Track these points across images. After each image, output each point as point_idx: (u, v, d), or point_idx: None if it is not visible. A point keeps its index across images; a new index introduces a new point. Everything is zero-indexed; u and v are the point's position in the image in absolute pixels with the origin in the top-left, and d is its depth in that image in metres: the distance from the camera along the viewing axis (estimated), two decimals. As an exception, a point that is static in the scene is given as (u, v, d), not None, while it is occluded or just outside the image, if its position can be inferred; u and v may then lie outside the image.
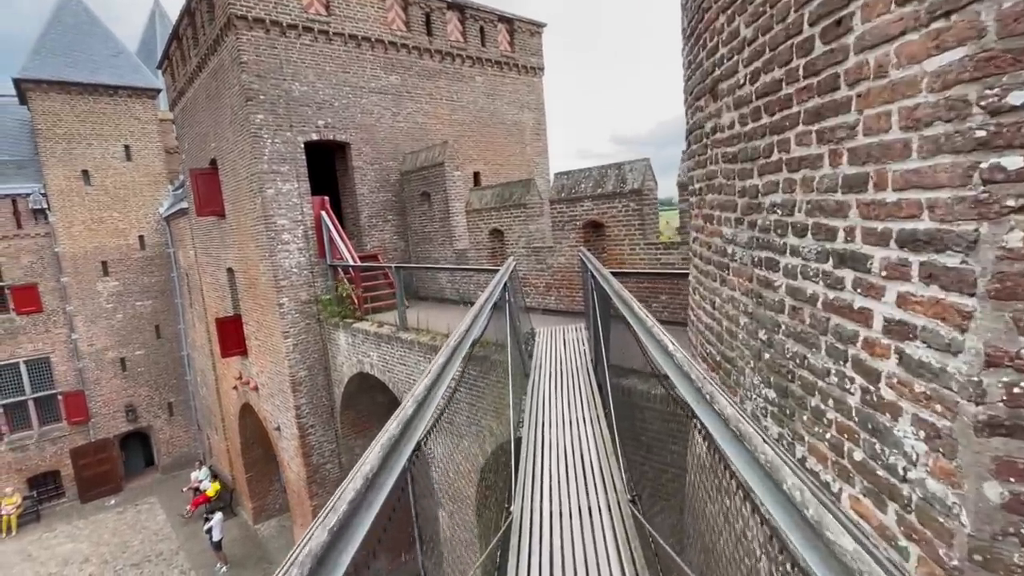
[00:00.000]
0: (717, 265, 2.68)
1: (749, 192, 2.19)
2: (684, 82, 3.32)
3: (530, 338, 6.89)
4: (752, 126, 2.12)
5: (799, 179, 1.76)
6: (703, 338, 3.07)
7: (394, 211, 12.60)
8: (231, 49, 10.29)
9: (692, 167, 3.19)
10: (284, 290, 10.82)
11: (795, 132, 1.76)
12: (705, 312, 2.97)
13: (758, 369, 2.18)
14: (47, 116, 17.90)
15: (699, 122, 2.90)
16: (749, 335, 2.26)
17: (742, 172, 2.26)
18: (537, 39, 15.30)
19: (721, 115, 2.48)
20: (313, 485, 11.47)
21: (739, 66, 2.20)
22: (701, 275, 3.05)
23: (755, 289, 2.18)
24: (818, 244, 1.67)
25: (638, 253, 7.74)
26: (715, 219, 2.69)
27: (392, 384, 9.43)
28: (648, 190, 7.63)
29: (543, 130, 15.82)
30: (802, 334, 1.80)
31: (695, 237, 3.23)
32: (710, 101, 2.65)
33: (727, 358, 2.60)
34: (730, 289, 2.49)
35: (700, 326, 3.12)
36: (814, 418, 1.75)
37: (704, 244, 2.93)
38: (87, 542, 16.40)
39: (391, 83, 12.25)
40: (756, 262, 2.15)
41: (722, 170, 2.53)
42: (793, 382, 1.88)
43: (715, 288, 2.74)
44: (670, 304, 7.40)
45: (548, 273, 9.17)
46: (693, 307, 3.34)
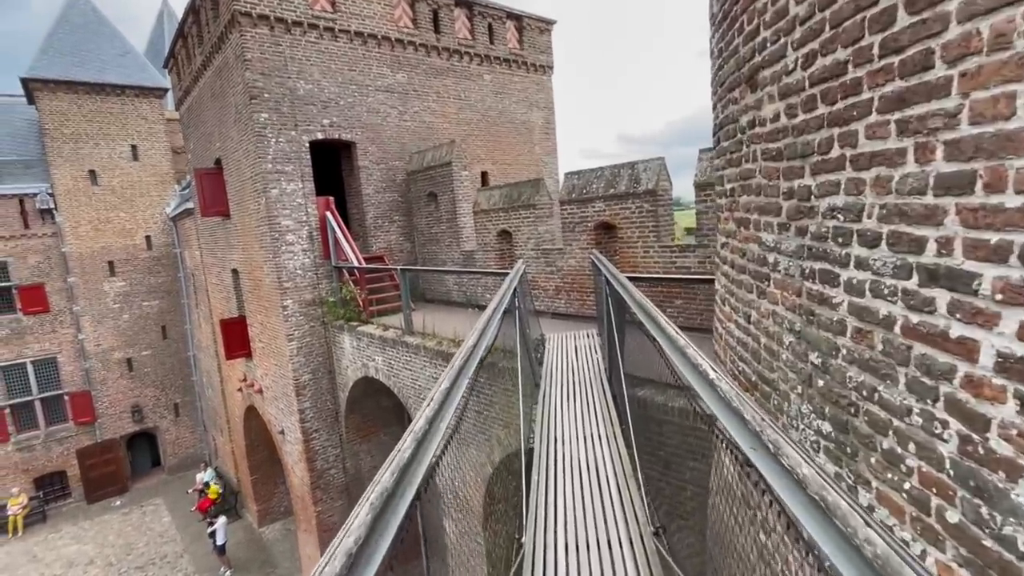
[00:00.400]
0: (754, 275, 2.40)
1: (798, 194, 1.91)
2: (713, 73, 3.04)
3: (540, 345, 6.62)
4: (804, 118, 1.84)
5: (870, 179, 1.48)
6: (734, 354, 2.79)
7: (400, 212, 12.37)
8: (235, 47, 10.10)
9: (722, 165, 2.91)
10: (288, 292, 10.62)
11: (865, 123, 1.49)
12: (737, 326, 2.69)
13: (807, 396, 1.91)
14: (54, 116, 17.86)
15: (732, 116, 2.62)
16: (796, 357, 1.98)
17: (789, 171, 1.98)
18: (546, 36, 15.02)
19: (762, 107, 2.20)
20: (317, 491, 11.26)
21: (787, 49, 1.92)
22: (732, 284, 2.77)
23: (805, 305, 1.90)
24: (896, 257, 1.39)
25: (652, 256, 7.45)
26: (751, 223, 2.41)
27: (397, 389, 9.20)
28: (663, 190, 7.34)
29: (552, 129, 15.54)
30: (871, 362, 1.52)
31: (724, 242, 2.95)
32: (747, 92, 2.37)
33: (765, 379, 2.32)
34: (771, 303, 2.21)
35: (731, 340, 2.84)
36: (887, 462, 1.47)
37: (737, 251, 2.65)
38: (92, 544, 16.33)
39: (398, 81, 12.02)
40: (807, 274, 1.88)
41: (762, 168, 2.25)
42: (857, 416, 1.60)
43: (751, 300, 2.46)
44: (685, 309, 7.11)
45: (558, 276, 8.89)
46: (722, 319, 3.06)
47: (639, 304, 2.78)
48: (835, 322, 1.69)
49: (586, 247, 8.27)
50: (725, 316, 2.95)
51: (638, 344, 4.62)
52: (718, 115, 2.97)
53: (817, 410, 1.84)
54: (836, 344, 1.69)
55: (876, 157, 1.45)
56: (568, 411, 4.52)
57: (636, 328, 4.33)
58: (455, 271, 10.15)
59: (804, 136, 1.85)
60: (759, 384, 2.40)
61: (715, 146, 3.11)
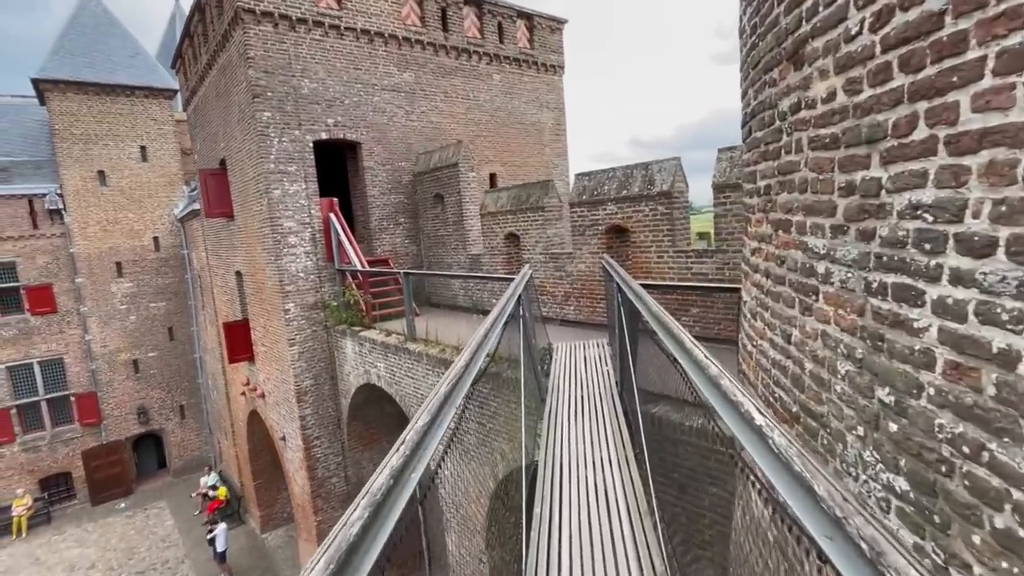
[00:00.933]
0: (796, 287, 2.02)
1: (862, 188, 1.54)
2: (744, 55, 2.67)
3: (546, 355, 6.25)
4: (872, 93, 1.47)
5: (978, 166, 1.11)
6: (768, 377, 2.40)
7: (406, 214, 12.08)
8: (238, 44, 9.89)
9: (754, 160, 2.54)
10: (290, 295, 10.36)
11: (972, 91, 1.11)
12: (773, 345, 2.31)
13: (873, 442, 1.53)
14: (64, 116, 17.86)
15: (769, 101, 2.25)
16: (856, 390, 1.60)
17: (848, 161, 1.61)
18: (557, 36, 14.69)
19: (811, 85, 1.83)
20: (318, 500, 10.96)
21: (848, 10, 1.55)
22: (766, 297, 2.39)
23: (870, 327, 1.52)
24: (1021, 270, 1.02)
25: (666, 261, 7.05)
26: (793, 226, 2.04)
27: (399, 397, 8.87)
28: (679, 192, 6.95)
29: (563, 130, 15.19)
30: (977, 410, 1.14)
31: (755, 248, 2.58)
32: (789, 70, 2.00)
33: (810, 412, 1.94)
34: (819, 321, 1.84)
35: (764, 361, 2.46)
36: (1001, 547, 1.09)
37: (773, 258, 2.27)
38: (95, 547, 16.18)
39: (405, 80, 11.75)
40: (874, 289, 1.50)
41: (809, 160, 1.87)
42: (951, 478, 1.22)
43: (791, 317, 2.08)
44: (702, 318, 6.71)
45: (567, 281, 8.52)
46: (752, 335, 2.67)
47: (659, 321, 2.41)
48: (917, 352, 1.32)
49: (597, 251, 7.90)
50: (756, 333, 2.56)
51: (652, 356, 4.24)
52: (749, 102, 2.60)
53: (887, 461, 1.46)
54: (918, 381, 1.32)
55: (990, 136, 1.07)
56: (576, 430, 4.15)
57: (649, 338, 3.96)
58: (459, 276, 9.82)
59: (872, 116, 1.47)
60: (802, 417, 2.02)
61: (745, 138, 2.73)
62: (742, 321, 3.00)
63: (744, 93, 2.73)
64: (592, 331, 8.02)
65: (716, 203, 6.34)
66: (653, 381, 4.66)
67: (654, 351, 3.96)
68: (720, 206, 6.31)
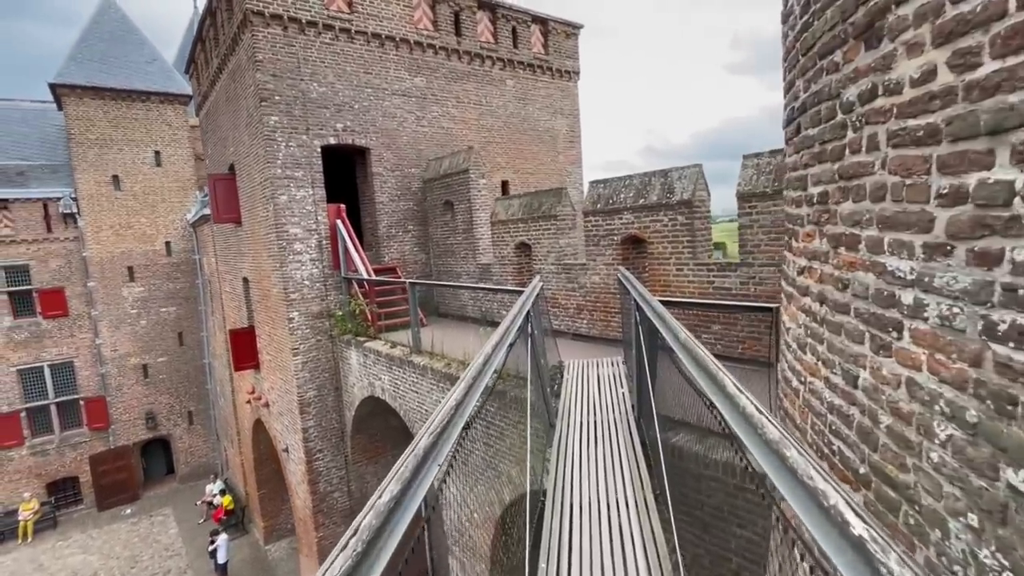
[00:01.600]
0: (868, 319, 1.62)
1: (981, 195, 1.14)
2: (789, 43, 2.28)
3: (557, 373, 5.86)
4: (1000, 67, 1.08)
5: None
6: (822, 423, 1.99)
7: (415, 221, 11.79)
8: (247, 47, 9.71)
9: (803, 162, 2.14)
10: (295, 303, 10.09)
11: None
12: (830, 386, 1.90)
13: (998, 541, 1.12)
14: (81, 121, 17.97)
15: (827, 91, 1.86)
16: (968, 465, 1.20)
17: (956, 159, 1.21)
18: (573, 41, 14.39)
19: (893, 65, 1.44)
20: (319, 515, 10.62)
21: (961, -41, 1.16)
22: (820, 326, 1.98)
23: (994, 384, 1.12)
24: None
25: (686, 274, 6.63)
26: (863, 242, 1.64)
27: (403, 412, 8.52)
28: (700, 201, 6.53)
29: (577, 137, 14.85)
30: None
31: (804, 267, 2.17)
32: (859, 50, 1.61)
33: (889, 479, 1.53)
34: (906, 366, 1.43)
35: (815, 403, 2.05)
36: None
37: (832, 280, 1.87)
38: (98, 554, 16.01)
39: (416, 85, 11.51)
40: (1000, 333, 1.10)
41: (890, 159, 1.48)
42: None
43: (859, 354, 1.68)
44: (724, 335, 6.26)
45: (580, 293, 8.12)
46: (799, 370, 2.26)
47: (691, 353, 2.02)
48: (1083, 429, 0.91)
49: (612, 263, 7.50)
50: (806, 368, 2.15)
51: (672, 379, 3.84)
52: (797, 95, 2.21)
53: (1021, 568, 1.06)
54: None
55: None
56: (588, 463, 3.74)
57: (669, 358, 3.55)
58: (466, 287, 9.46)
59: (999, 98, 1.08)
60: (874, 482, 1.61)
61: (790, 138, 2.33)
62: (784, 351, 2.58)
63: (789, 86, 2.34)
64: (605, 347, 7.60)
65: (741, 213, 5.92)
66: (672, 406, 4.25)
67: (674, 374, 3.56)
68: (745, 216, 5.89)
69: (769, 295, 5.82)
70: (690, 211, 6.51)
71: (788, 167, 2.44)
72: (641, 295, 3.70)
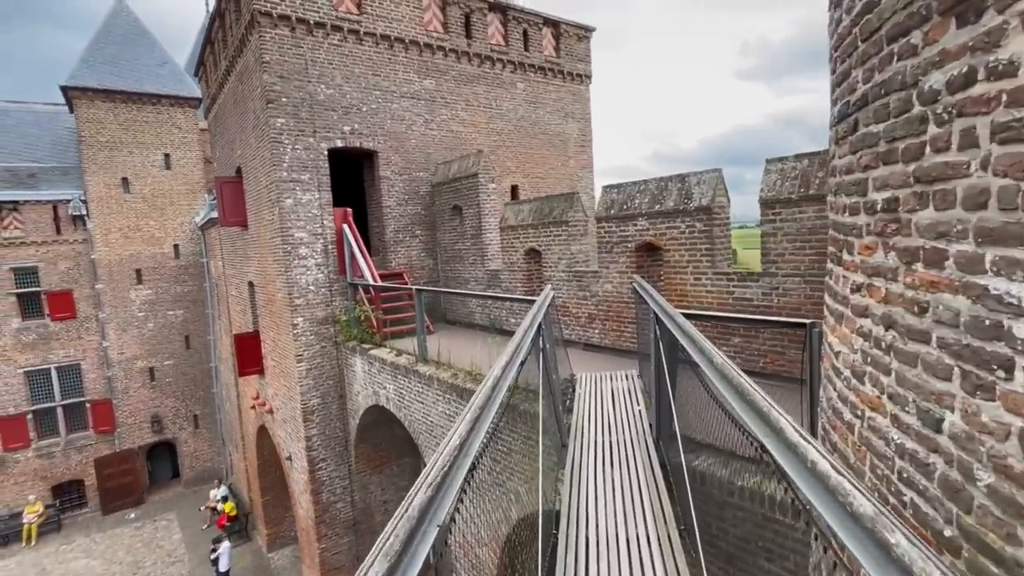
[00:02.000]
0: (959, 352, 1.34)
1: None
2: (844, 27, 2.01)
3: (568, 387, 5.58)
4: None
5: None
6: (885, 466, 1.71)
7: (423, 226, 11.58)
8: (254, 49, 9.58)
9: (863, 163, 1.87)
10: (299, 309, 9.89)
11: None
12: (899, 425, 1.62)
13: None
14: (91, 123, 18.00)
15: (898, 80, 1.58)
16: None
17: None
18: (585, 44, 14.16)
19: (1002, 43, 1.17)
20: (322, 526, 10.37)
21: None
22: (887, 354, 1.70)
23: None
24: None
25: (704, 284, 6.33)
26: (951, 258, 1.36)
27: (408, 423, 8.27)
28: (719, 207, 6.25)
29: (588, 142, 14.60)
30: None
31: (863, 284, 1.89)
32: (945, 29, 1.34)
33: (989, 550, 1.24)
34: (1020, 415, 1.15)
35: (877, 442, 1.77)
36: None
37: (904, 302, 1.59)
38: (101, 559, 15.88)
39: (425, 88, 11.32)
40: None
41: (993, 159, 1.21)
42: None
43: (944, 393, 1.40)
44: (745, 348, 5.95)
45: (592, 302, 7.84)
46: (853, 401, 1.98)
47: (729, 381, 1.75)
48: None
49: (625, 271, 7.22)
50: (864, 401, 1.87)
51: (692, 394, 3.56)
52: (853, 88, 1.93)
53: None
54: None
55: None
56: (604, 491, 3.46)
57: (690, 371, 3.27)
58: (473, 295, 9.21)
59: None
60: (967, 551, 1.32)
61: (844, 136, 2.05)
62: (831, 377, 2.29)
63: (842, 77, 2.06)
64: (619, 358, 7.31)
65: (764, 220, 5.62)
66: (694, 426, 3.96)
67: (696, 388, 3.28)
68: (768, 223, 5.59)
69: (793, 307, 5.51)
70: (709, 218, 6.22)
71: (839, 170, 2.16)
72: (662, 308, 3.42)
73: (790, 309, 5.54)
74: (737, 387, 1.74)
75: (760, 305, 5.80)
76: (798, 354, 5.69)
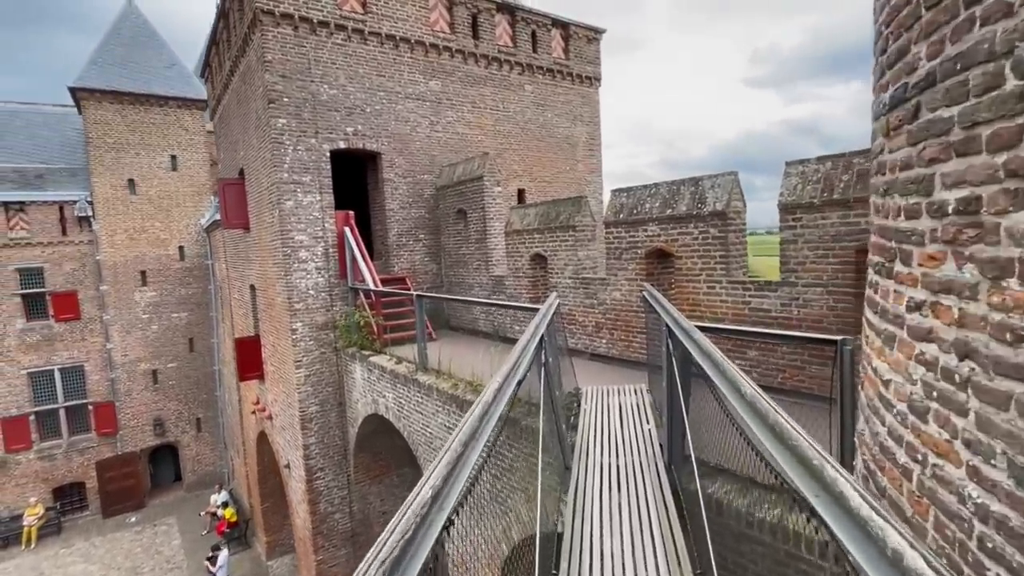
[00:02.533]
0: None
1: None
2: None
3: (573, 402, 5.25)
4: None
5: None
6: (961, 529, 1.38)
7: (427, 230, 11.31)
8: (256, 48, 9.39)
9: (924, 157, 1.55)
10: (298, 314, 9.65)
11: None
12: (980, 481, 1.30)
13: None
14: (99, 125, 17.97)
15: (983, 50, 1.27)
16: None
17: None
18: (594, 46, 13.89)
19: None
20: (319, 537, 10.08)
21: None
22: (961, 390, 1.38)
23: None
24: None
25: (718, 293, 5.99)
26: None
27: (407, 434, 7.97)
28: (735, 212, 5.92)
29: (597, 146, 14.30)
30: None
31: (925, 302, 1.57)
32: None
33: None
34: None
35: (946, 498, 1.44)
36: None
37: (991, 327, 1.27)
38: (99, 564, 15.68)
39: (430, 89, 11.09)
40: None
41: None
42: None
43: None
44: (762, 362, 5.60)
45: (599, 311, 7.52)
46: (909, 441, 1.65)
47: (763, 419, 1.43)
48: None
49: (634, 278, 6.89)
50: (928, 444, 1.55)
51: (705, 409, 3.24)
52: (914, 67, 1.62)
53: None
54: None
55: None
56: (612, 523, 3.14)
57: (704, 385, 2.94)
58: (476, 301, 8.91)
59: None
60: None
61: (900, 125, 1.74)
62: (879, 409, 1.96)
63: (896, 58, 1.75)
64: (627, 369, 6.98)
65: (783, 226, 5.29)
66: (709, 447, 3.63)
67: (710, 403, 2.97)
68: (788, 230, 5.25)
69: (815, 319, 5.16)
70: (724, 223, 5.89)
71: (889, 166, 1.84)
72: (676, 321, 3.10)
73: (811, 321, 5.19)
74: (775, 426, 1.43)
75: (778, 317, 5.45)
76: (819, 369, 5.34)
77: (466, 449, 1.59)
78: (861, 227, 4.70)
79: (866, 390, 2.18)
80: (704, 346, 2.23)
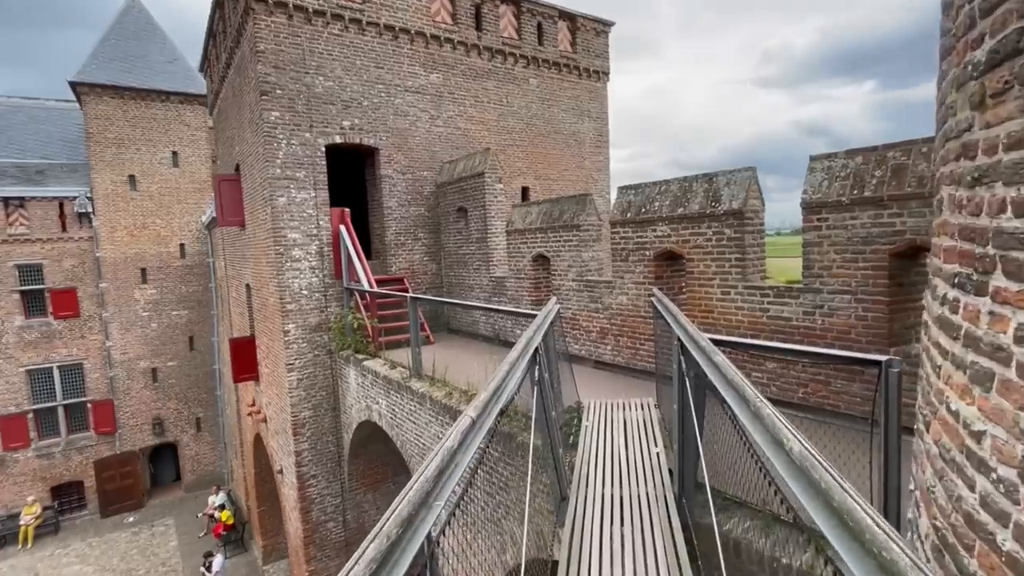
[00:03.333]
0: None
1: None
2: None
3: (574, 418, 4.81)
4: None
5: None
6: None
7: (426, 228, 10.90)
8: (249, 37, 9.02)
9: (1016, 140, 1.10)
10: (291, 315, 9.28)
11: None
12: None
13: None
14: (99, 120, 17.75)
15: None
16: None
17: None
18: (603, 39, 13.41)
19: None
20: (311, 547, 9.71)
21: None
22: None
23: None
24: None
25: (733, 299, 5.52)
26: None
27: (400, 443, 7.56)
28: (752, 212, 5.44)
29: (605, 142, 13.82)
30: None
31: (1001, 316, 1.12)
32: None
33: None
34: None
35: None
36: None
37: None
38: (94, 565, 15.45)
39: (431, 82, 10.67)
40: None
41: None
42: None
43: None
44: (780, 376, 5.13)
45: (604, 315, 7.06)
46: (1016, 520, 1.20)
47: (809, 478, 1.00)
48: None
49: (642, 281, 6.43)
50: None
51: (720, 432, 2.80)
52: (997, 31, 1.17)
53: None
54: None
55: None
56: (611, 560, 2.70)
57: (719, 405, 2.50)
58: (472, 305, 8.46)
59: None
60: None
61: (995, 95, 1.29)
62: (962, 467, 1.51)
63: (987, 10, 1.29)
64: (633, 378, 6.53)
65: (807, 227, 4.81)
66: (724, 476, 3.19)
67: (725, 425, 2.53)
68: (812, 231, 4.77)
69: (841, 329, 4.68)
70: (740, 223, 5.42)
71: (983, 146, 1.39)
72: (692, 338, 2.65)
73: (837, 332, 4.71)
74: (839, 510, 0.99)
75: (800, 326, 4.97)
76: (845, 385, 4.86)
77: (428, 499, 1.18)
78: (896, 228, 4.22)
79: (936, 434, 1.72)
80: (729, 376, 1.78)
